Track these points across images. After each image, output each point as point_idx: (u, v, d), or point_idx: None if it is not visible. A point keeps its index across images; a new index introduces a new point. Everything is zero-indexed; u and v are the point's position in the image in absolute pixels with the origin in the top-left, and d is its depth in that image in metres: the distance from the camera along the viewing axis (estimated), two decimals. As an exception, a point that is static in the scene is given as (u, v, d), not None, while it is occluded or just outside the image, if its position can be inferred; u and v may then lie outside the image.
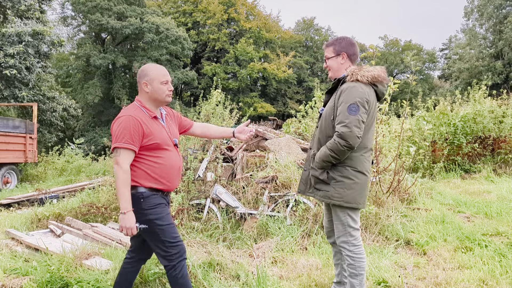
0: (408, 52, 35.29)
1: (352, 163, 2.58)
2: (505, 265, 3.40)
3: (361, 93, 2.51)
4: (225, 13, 33.57)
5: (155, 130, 2.48)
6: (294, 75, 35.79)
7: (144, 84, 2.52)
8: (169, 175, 2.52)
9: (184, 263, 2.51)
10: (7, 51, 14.04)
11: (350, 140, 2.46)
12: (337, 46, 2.74)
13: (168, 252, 2.46)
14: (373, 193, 4.97)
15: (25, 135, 11.51)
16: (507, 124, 8.56)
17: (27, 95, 15.09)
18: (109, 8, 26.56)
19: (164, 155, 2.50)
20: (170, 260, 2.46)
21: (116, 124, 2.43)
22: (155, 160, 2.47)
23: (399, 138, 5.61)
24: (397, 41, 42.72)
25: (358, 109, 2.48)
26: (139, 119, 2.42)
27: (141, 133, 2.41)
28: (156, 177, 2.46)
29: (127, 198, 2.34)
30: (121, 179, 2.33)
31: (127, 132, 2.36)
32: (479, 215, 5.08)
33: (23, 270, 3.46)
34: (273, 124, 10.41)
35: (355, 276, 2.63)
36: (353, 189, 2.57)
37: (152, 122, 2.49)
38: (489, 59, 29.97)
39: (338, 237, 2.68)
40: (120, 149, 2.36)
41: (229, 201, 4.85)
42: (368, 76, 2.57)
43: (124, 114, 2.43)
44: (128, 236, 2.39)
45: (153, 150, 2.46)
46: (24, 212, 6.43)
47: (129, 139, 2.36)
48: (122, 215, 2.33)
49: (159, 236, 2.44)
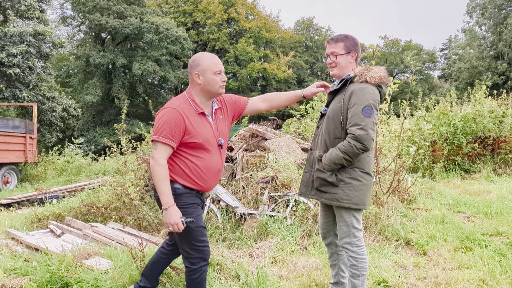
0: (408, 52, 35.34)
1: (360, 164, 2.56)
2: (505, 265, 3.40)
3: (373, 95, 2.50)
4: (225, 13, 33.59)
5: (199, 128, 2.35)
6: (294, 75, 35.83)
7: (196, 75, 2.37)
8: (206, 177, 2.42)
9: (205, 268, 2.45)
10: (10, 51, 14.06)
11: (366, 143, 2.44)
12: (347, 43, 2.65)
13: (191, 254, 2.39)
14: (373, 193, 4.97)
15: (25, 135, 11.51)
16: (507, 124, 8.56)
17: (28, 95, 15.10)
18: (108, 8, 26.57)
19: (204, 156, 2.39)
20: (192, 263, 2.40)
21: (159, 115, 2.32)
22: (193, 160, 2.36)
23: (399, 138, 5.60)
24: (397, 41, 42.74)
25: (372, 111, 2.46)
26: (182, 114, 2.30)
27: (183, 128, 2.29)
28: (192, 177, 2.37)
29: (167, 192, 2.24)
30: (158, 174, 2.23)
31: (167, 126, 2.25)
32: (479, 215, 5.08)
33: (23, 270, 3.46)
34: (273, 124, 10.39)
35: (357, 277, 2.61)
36: (361, 190, 2.56)
37: (197, 119, 2.36)
38: (490, 59, 29.97)
39: (342, 238, 2.65)
40: (158, 142, 2.26)
41: (229, 201, 4.85)
42: (376, 77, 2.54)
43: (169, 106, 2.31)
44: (176, 231, 2.29)
45: (193, 148, 2.35)
46: (24, 212, 6.43)
47: (169, 134, 2.25)
48: (165, 211, 2.25)
49: (186, 237, 2.36)
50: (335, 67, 2.67)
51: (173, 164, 2.35)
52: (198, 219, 2.40)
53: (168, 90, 35.09)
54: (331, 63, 2.67)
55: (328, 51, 2.69)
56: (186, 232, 2.34)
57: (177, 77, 28.71)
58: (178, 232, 2.30)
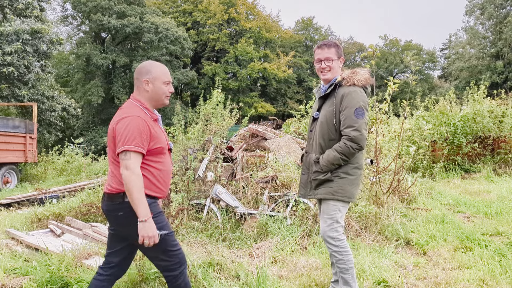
0: (408, 52, 35.25)
1: (354, 159, 2.72)
2: (505, 265, 3.40)
3: (363, 97, 2.66)
4: (225, 13, 33.58)
5: (159, 133, 2.35)
6: (294, 75, 35.82)
7: (145, 82, 2.35)
8: (167, 181, 2.42)
9: (186, 271, 2.43)
10: (5, 49, 14.02)
11: (361, 143, 2.60)
12: (338, 50, 2.80)
13: (170, 261, 2.34)
14: (373, 193, 4.97)
15: (25, 135, 11.51)
16: (507, 124, 8.56)
17: (27, 93, 15.08)
18: (109, 8, 26.58)
19: (164, 160, 2.39)
20: (173, 270, 2.36)
21: (122, 124, 2.22)
22: (156, 166, 2.33)
23: (399, 138, 5.60)
24: (397, 41, 42.74)
25: (363, 112, 2.62)
26: (146, 121, 2.26)
27: (149, 136, 2.26)
28: (157, 184, 2.33)
29: (145, 204, 2.16)
30: (136, 185, 2.14)
31: (137, 135, 2.19)
32: (479, 215, 5.08)
33: (23, 270, 3.47)
34: (273, 124, 10.41)
35: (346, 271, 2.69)
36: (353, 184, 2.72)
37: (154, 125, 2.35)
38: (490, 58, 29.95)
39: (325, 232, 2.73)
40: (130, 152, 2.17)
41: (229, 201, 4.85)
42: (362, 79, 2.69)
43: (131, 115, 2.24)
44: (150, 245, 2.18)
45: (156, 154, 2.33)
46: (24, 212, 6.43)
47: (139, 142, 2.19)
48: (143, 224, 2.15)
49: (161, 246, 2.29)
50: (329, 71, 2.77)
51: None
52: (168, 226, 2.37)
53: (168, 90, 35.04)
54: (326, 68, 2.76)
55: (322, 57, 2.76)
56: (162, 241, 2.27)
57: (177, 78, 28.69)
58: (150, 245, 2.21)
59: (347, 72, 2.75)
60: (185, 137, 6.12)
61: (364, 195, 4.97)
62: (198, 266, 3.38)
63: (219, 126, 5.97)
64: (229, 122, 6.26)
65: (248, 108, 26.67)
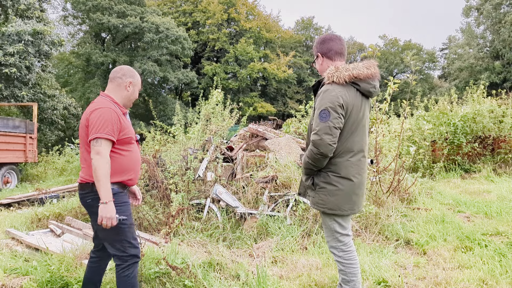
0: (408, 51, 35.24)
1: (335, 168, 2.48)
2: (505, 264, 3.40)
3: (333, 97, 2.38)
4: (225, 13, 33.57)
5: (128, 125, 2.61)
6: (294, 75, 35.81)
7: (129, 83, 2.65)
8: (136, 168, 2.64)
9: (136, 266, 2.57)
10: (7, 50, 14.04)
11: (321, 148, 2.37)
12: (314, 48, 2.67)
13: (125, 252, 2.50)
14: (373, 192, 4.97)
15: (25, 135, 11.51)
16: (507, 123, 8.56)
17: (27, 94, 15.09)
18: (110, 8, 26.58)
19: (133, 148, 2.62)
20: (125, 260, 2.51)
21: (96, 114, 2.44)
22: (126, 154, 2.55)
23: (399, 138, 5.60)
24: (397, 41, 42.74)
25: (328, 115, 2.36)
26: (117, 113, 2.51)
27: (119, 126, 2.49)
28: (126, 169, 2.54)
29: (108, 188, 2.36)
30: (104, 169, 2.35)
31: (109, 124, 2.42)
32: (479, 214, 5.08)
33: (23, 270, 3.47)
34: (273, 124, 10.40)
35: (347, 283, 2.57)
36: (337, 195, 2.47)
37: (123, 117, 2.61)
38: (488, 59, 29.93)
39: (328, 242, 2.65)
40: (101, 139, 2.39)
41: (229, 201, 4.85)
42: (345, 76, 2.41)
43: (105, 106, 2.48)
44: (107, 227, 2.38)
45: (125, 144, 2.55)
46: (24, 212, 6.43)
47: (110, 130, 2.42)
48: (103, 205, 2.34)
49: (121, 235, 2.47)
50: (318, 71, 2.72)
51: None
52: (131, 217, 2.55)
53: (168, 90, 35.10)
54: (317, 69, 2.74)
55: None
56: (120, 231, 2.46)
57: (177, 78, 28.68)
58: (108, 229, 2.39)
59: (331, 68, 2.49)
60: (185, 137, 6.13)
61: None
62: (198, 266, 3.38)
63: (219, 126, 5.98)
64: (229, 122, 6.26)
65: (247, 108, 26.67)
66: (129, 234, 2.52)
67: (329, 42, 2.59)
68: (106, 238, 2.53)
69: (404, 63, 38.66)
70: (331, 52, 2.58)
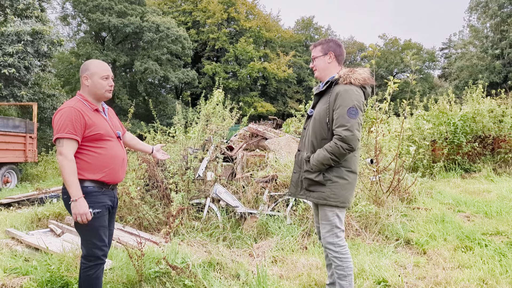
0: (408, 51, 35.25)
1: (346, 163, 2.63)
2: (505, 264, 3.40)
3: (357, 96, 2.57)
4: (225, 12, 33.55)
5: (98, 121, 2.54)
6: (294, 74, 35.78)
7: (84, 78, 2.57)
8: (112, 165, 2.56)
9: (102, 266, 2.58)
10: (6, 50, 14.03)
11: (352, 143, 2.50)
12: (325, 45, 2.77)
13: (92, 252, 2.51)
14: (373, 192, 4.97)
15: (25, 135, 11.50)
16: (507, 123, 8.56)
17: (26, 94, 15.09)
18: (110, 7, 26.56)
19: (107, 145, 2.55)
20: (90, 260, 2.52)
21: (58, 115, 2.44)
22: (98, 151, 2.51)
23: (399, 138, 5.60)
24: (396, 40, 42.69)
25: (357, 112, 2.53)
26: (80, 110, 2.46)
27: (83, 123, 2.44)
28: (100, 167, 2.50)
29: (76, 185, 2.37)
30: (68, 167, 2.35)
31: (69, 123, 2.40)
32: (479, 214, 5.08)
33: (23, 270, 3.47)
34: (273, 123, 10.40)
35: (344, 278, 2.63)
36: (347, 189, 2.64)
37: (94, 114, 2.55)
38: (491, 58, 29.88)
39: (324, 238, 2.69)
40: (63, 139, 2.38)
41: (229, 201, 4.85)
42: (360, 79, 2.62)
43: (66, 106, 2.46)
44: (83, 223, 2.40)
45: (96, 141, 2.50)
46: (24, 211, 6.43)
47: (72, 129, 2.40)
48: (74, 203, 2.36)
49: (90, 235, 2.49)
50: (316, 70, 2.80)
51: (78, 161, 2.45)
52: (102, 219, 2.53)
53: (168, 90, 35.09)
54: (313, 67, 2.82)
55: (312, 56, 2.85)
56: (91, 230, 2.48)
57: (177, 77, 28.66)
58: (84, 224, 2.41)
59: (345, 70, 2.67)
60: (185, 137, 6.13)
61: (364, 194, 4.97)
62: (198, 265, 3.38)
63: (219, 126, 5.97)
64: (229, 121, 6.26)
65: (247, 108, 26.65)
66: (98, 236, 2.51)
67: (342, 48, 2.81)
68: (80, 234, 2.56)
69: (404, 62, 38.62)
70: (341, 57, 2.79)
